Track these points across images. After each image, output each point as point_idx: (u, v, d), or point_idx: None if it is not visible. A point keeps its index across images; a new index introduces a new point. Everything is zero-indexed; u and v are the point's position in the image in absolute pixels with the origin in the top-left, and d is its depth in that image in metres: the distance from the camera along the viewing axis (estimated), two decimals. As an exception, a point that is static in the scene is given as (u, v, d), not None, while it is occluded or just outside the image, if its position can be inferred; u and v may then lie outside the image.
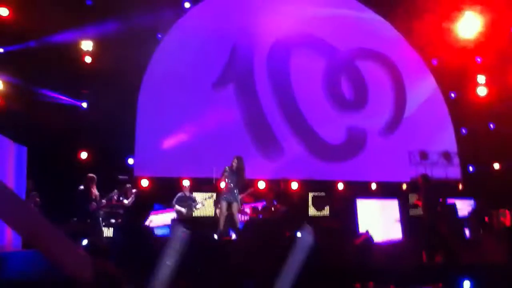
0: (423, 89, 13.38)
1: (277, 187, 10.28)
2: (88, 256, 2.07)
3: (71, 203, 8.37)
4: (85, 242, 6.77)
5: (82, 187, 8.30)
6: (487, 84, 13.18)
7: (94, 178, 8.44)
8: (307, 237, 2.18)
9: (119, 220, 8.87)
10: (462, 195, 11.75)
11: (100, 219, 8.44)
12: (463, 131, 13.54)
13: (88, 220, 8.09)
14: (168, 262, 2.28)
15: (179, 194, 9.47)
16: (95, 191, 8.33)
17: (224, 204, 8.18)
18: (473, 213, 10.14)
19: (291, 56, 12.43)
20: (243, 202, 8.94)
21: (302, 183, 11.09)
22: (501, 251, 6.36)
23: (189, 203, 9.40)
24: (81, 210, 8.14)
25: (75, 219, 8.32)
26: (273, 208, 9.30)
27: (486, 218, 9.70)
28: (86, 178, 8.39)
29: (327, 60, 12.79)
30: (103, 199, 8.46)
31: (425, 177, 8.94)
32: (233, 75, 11.88)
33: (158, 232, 8.89)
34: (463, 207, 10.54)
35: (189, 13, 11.84)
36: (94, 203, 8.18)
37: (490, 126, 13.41)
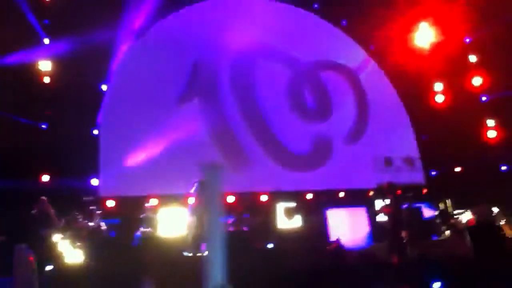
0: (384, 97, 13.77)
1: (246, 200, 10.22)
2: None
3: (25, 228, 8.02)
4: (48, 268, 6.54)
5: (35, 210, 8.00)
6: (444, 91, 13.72)
7: (45, 201, 8.17)
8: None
9: (83, 243, 8.54)
10: (427, 199, 12.06)
11: (59, 243, 8.09)
12: (424, 137, 13.97)
13: (43, 245, 7.74)
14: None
15: (141, 216, 9.24)
16: (52, 212, 8.06)
17: (194, 220, 7.95)
18: (438, 215, 10.42)
19: (254, 68, 12.54)
20: None
21: (271, 194, 11.08)
22: (465, 248, 6.54)
23: (154, 223, 9.18)
24: (35, 235, 7.79)
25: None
26: (243, 221, 9.23)
27: (451, 219, 9.98)
28: (38, 201, 8.11)
29: (290, 71, 13.00)
30: (63, 220, 8.18)
31: (390, 184, 9.08)
32: (197, 89, 11.84)
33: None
34: (429, 210, 10.86)
35: (151, 29, 11.76)
36: (46, 229, 7.88)
37: (448, 131, 13.89)
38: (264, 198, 11.13)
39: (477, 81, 13.21)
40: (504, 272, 5.10)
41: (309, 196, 11.69)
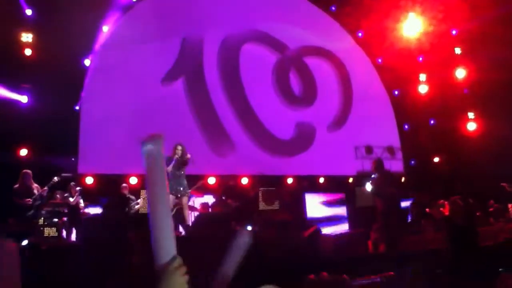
0: (369, 86, 13.84)
1: (228, 183, 10.24)
2: None
3: (7, 202, 7.95)
4: (25, 242, 6.47)
5: (17, 185, 7.91)
6: (428, 82, 13.84)
7: (29, 174, 8.09)
8: (245, 238, 2.18)
9: (63, 219, 8.50)
10: (404, 188, 12.26)
11: (42, 218, 8.06)
12: (406, 126, 14.14)
13: (26, 219, 7.71)
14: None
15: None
16: (34, 185, 7.99)
17: (171, 198, 7.89)
18: (414, 205, 10.59)
19: (241, 51, 12.44)
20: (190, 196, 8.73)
21: (252, 178, 11.13)
22: (440, 239, 6.68)
23: (129, 203, 9.19)
24: (18, 208, 7.74)
25: (12, 218, 7.89)
26: (223, 203, 9.25)
27: (427, 209, 10.15)
28: (21, 175, 8.02)
29: (276, 56, 12.94)
30: (45, 187, 8.14)
31: (378, 160, 8.81)
32: (183, 69, 11.70)
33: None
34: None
35: (137, 6, 11.54)
36: (28, 199, 7.84)
37: (430, 122, 14.08)
38: (245, 181, 11.17)
39: (460, 73, 13.34)
40: (478, 265, 5.23)
41: (290, 181, 11.77)
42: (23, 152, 9.68)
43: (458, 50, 13.61)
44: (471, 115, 13.35)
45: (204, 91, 11.80)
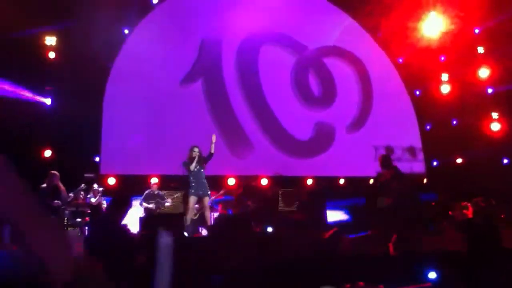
0: (389, 86, 13.68)
1: (247, 183, 10.28)
2: (71, 255, 2.00)
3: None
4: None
5: (44, 184, 8.08)
6: (450, 82, 13.60)
7: (57, 175, 8.27)
8: (166, 240, 2.20)
9: (86, 219, 8.68)
10: (426, 189, 12.09)
11: (66, 218, 8.25)
12: (427, 127, 13.92)
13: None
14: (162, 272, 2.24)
15: (146, 192, 9.35)
16: (61, 186, 8.18)
17: (193, 199, 7.99)
18: (436, 206, 10.42)
19: (259, 53, 12.47)
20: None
21: (271, 179, 11.14)
22: (461, 241, 6.57)
23: (157, 200, 9.30)
24: (45, 208, 7.90)
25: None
26: (242, 204, 9.29)
27: (450, 212, 9.98)
28: (48, 175, 8.21)
29: (295, 57, 12.91)
30: (71, 193, 8.30)
31: (384, 156, 8.69)
32: (201, 71, 11.81)
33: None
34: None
35: (157, 8, 11.68)
36: (57, 201, 8.00)
37: (453, 122, 13.83)
38: (264, 182, 11.18)
39: (483, 72, 13.08)
40: (498, 267, 5.14)
41: (309, 182, 11.73)
42: (47, 153, 9.90)
43: (480, 49, 13.35)
44: (494, 115, 13.07)
45: (223, 93, 11.88)
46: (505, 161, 12.77)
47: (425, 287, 2.48)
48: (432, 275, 5.60)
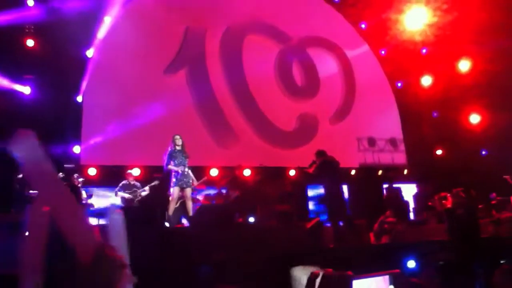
0: (372, 78, 13.77)
1: (230, 174, 10.24)
2: (95, 239, 2.10)
3: (10, 192, 7.95)
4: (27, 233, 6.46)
5: (21, 175, 7.91)
6: (431, 74, 13.74)
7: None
8: (115, 216, 2.26)
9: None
10: (407, 180, 12.26)
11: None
12: (408, 118, 14.07)
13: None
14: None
15: (122, 182, 9.25)
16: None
17: (176, 190, 7.90)
18: (417, 197, 10.58)
19: (243, 42, 12.38)
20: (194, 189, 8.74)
21: (255, 169, 11.12)
22: (442, 230, 6.69)
23: (133, 190, 9.20)
24: (21, 199, 7.74)
25: (13, 209, 7.88)
26: (225, 195, 9.26)
27: (429, 202, 10.13)
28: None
29: (279, 47, 12.87)
30: None
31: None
32: (185, 60, 11.67)
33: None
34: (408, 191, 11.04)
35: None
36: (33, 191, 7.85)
37: (433, 114, 14.01)
38: (247, 172, 11.15)
39: (464, 65, 13.22)
40: (480, 257, 5.23)
41: (292, 172, 11.74)
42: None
43: (461, 42, 13.47)
44: (474, 107, 13.26)
45: (207, 82, 11.78)
46: (483, 152, 13.00)
47: (394, 274, 2.50)
48: (411, 263, 5.70)
